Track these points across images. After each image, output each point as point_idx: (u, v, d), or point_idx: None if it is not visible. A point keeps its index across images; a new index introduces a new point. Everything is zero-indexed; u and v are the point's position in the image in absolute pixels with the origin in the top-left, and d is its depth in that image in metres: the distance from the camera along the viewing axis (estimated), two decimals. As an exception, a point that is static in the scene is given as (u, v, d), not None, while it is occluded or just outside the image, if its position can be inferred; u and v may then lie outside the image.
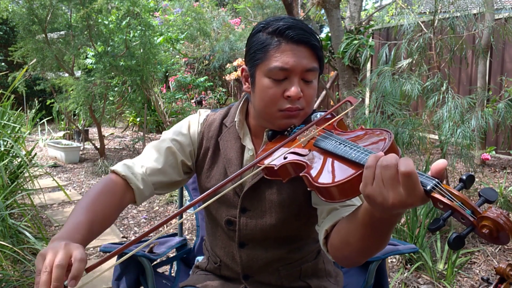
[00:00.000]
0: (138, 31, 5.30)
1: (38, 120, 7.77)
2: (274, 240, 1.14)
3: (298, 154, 0.92)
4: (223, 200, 1.13)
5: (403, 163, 0.68)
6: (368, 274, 1.36)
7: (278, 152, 0.95)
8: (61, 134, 7.58)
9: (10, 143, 2.96)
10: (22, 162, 3.14)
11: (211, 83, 9.18)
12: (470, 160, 3.16)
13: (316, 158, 0.89)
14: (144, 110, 6.10)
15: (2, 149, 2.90)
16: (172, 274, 1.67)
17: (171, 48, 8.20)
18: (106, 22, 5.33)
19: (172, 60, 7.81)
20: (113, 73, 5.30)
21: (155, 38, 6.02)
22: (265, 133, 1.10)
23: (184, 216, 2.32)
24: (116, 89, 6.24)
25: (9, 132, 3.12)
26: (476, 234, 0.66)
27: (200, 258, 1.45)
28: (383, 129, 0.88)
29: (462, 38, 3.25)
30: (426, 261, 2.57)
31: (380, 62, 3.45)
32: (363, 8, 10.27)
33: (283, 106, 1.01)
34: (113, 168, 1.09)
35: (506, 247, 2.93)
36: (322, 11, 4.84)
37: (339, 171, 0.81)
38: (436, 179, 0.69)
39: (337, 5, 4.45)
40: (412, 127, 3.09)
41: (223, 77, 9.05)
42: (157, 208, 3.95)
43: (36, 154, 5.87)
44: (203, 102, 9.42)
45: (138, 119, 7.99)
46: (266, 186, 1.10)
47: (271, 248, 1.14)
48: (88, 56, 6.21)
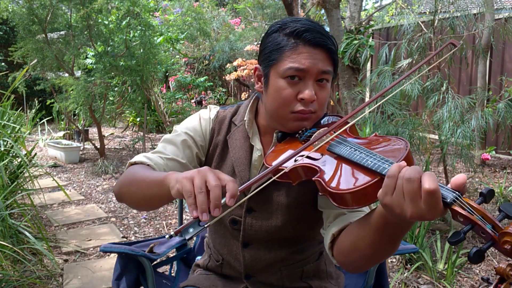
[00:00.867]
0: (138, 31, 5.30)
1: (38, 120, 7.77)
2: (278, 241, 1.14)
3: (310, 158, 0.91)
4: None
5: (427, 180, 0.67)
6: (368, 274, 1.36)
7: (288, 154, 0.94)
8: (61, 134, 7.58)
9: (10, 143, 2.96)
10: (22, 162, 3.14)
11: (211, 83, 9.19)
12: (470, 160, 3.16)
13: (329, 163, 0.88)
14: (144, 110, 6.10)
15: (2, 149, 2.90)
16: (172, 274, 1.67)
17: (171, 48, 8.20)
18: (106, 22, 5.33)
19: (172, 60, 7.81)
20: (113, 73, 5.29)
21: (155, 38, 6.02)
22: (274, 134, 1.09)
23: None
24: (116, 89, 6.24)
25: (9, 132, 3.12)
26: (496, 249, 0.66)
27: (199, 258, 1.45)
28: (398, 137, 0.87)
29: (462, 38, 3.25)
30: (426, 261, 2.57)
31: (380, 62, 3.45)
32: (363, 8, 10.26)
33: (296, 108, 1.01)
34: (133, 160, 1.07)
35: (506, 247, 2.92)
36: (322, 11, 4.84)
37: (354, 178, 0.80)
38: (457, 192, 0.68)
39: (337, 5, 4.45)
40: (412, 127, 3.09)
41: (223, 77, 9.05)
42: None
43: (36, 154, 5.87)
44: (203, 102, 9.42)
45: (138, 119, 7.99)
46: (274, 187, 1.09)
47: (275, 249, 1.14)
48: (88, 56, 6.21)
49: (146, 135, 6.23)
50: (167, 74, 8.50)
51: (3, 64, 9.15)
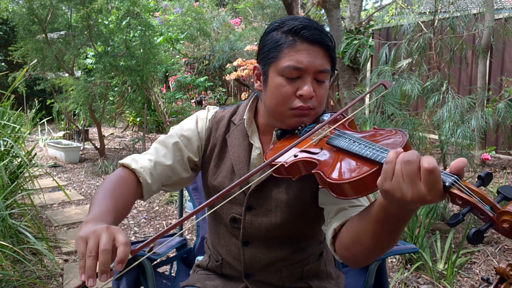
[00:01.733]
0: (138, 31, 5.30)
1: (38, 120, 7.78)
2: (278, 240, 1.14)
3: (309, 152, 0.92)
4: (229, 197, 1.13)
5: (426, 160, 0.68)
6: (368, 274, 1.36)
7: (288, 147, 0.95)
8: (61, 134, 7.59)
9: (10, 143, 2.96)
10: (22, 162, 3.14)
11: (211, 83, 9.19)
12: (470, 160, 3.16)
13: (328, 156, 0.89)
14: (144, 110, 6.10)
15: (2, 149, 2.90)
16: (172, 274, 1.67)
17: (171, 48, 8.20)
18: (106, 22, 5.34)
19: (172, 60, 7.81)
20: (113, 73, 5.30)
21: (155, 38, 6.02)
22: (274, 132, 1.10)
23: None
24: (116, 89, 6.25)
25: (9, 132, 3.12)
26: (495, 229, 0.67)
27: (200, 258, 1.45)
28: (397, 129, 0.88)
29: (462, 38, 3.25)
30: (426, 261, 2.57)
31: (380, 62, 3.45)
32: (363, 8, 10.26)
33: (295, 105, 1.02)
34: (122, 161, 1.09)
35: (506, 247, 2.93)
36: (322, 11, 4.84)
37: (353, 168, 0.82)
38: (455, 175, 0.69)
39: (337, 5, 4.45)
40: (412, 127, 3.09)
41: (223, 77, 9.05)
42: (157, 208, 3.95)
43: (36, 154, 5.87)
44: (203, 102, 9.42)
45: (138, 119, 8.00)
46: (273, 184, 1.10)
47: (275, 248, 1.14)
48: (88, 56, 6.21)
49: (146, 135, 6.24)
50: (167, 74, 8.50)
51: (3, 64, 9.15)
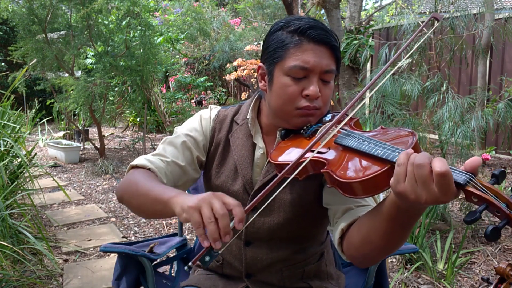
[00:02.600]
0: (138, 31, 5.30)
1: (38, 120, 7.77)
2: (280, 240, 1.14)
3: (317, 152, 0.92)
4: (232, 197, 1.12)
5: (438, 163, 0.68)
6: (368, 274, 1.36)
7: (296, 151, 0.95)
8: (61, 134, 7.59)
9: (10, 143, 2.96)
10: (22, 162, 3.14)
11: (211, 83, 9.19)
12: (470, 160, 3.15)
13: (337, 155, 0.89)
14: (144, 110, 6.10)
15: (2, 149, 2.90)
16: (172, 274, 1.67)
17: (171, 48, 8.20)
18: (106, 22, 5.33)
19: (172, 60, 7.81)
20: (113, 73, 5.30)
21: (155, 38, 6.02)
22: (278, 131, 1.09)
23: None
24: (116, 89, 6.25)
25: (9, 132, 3.12)
26: (511, 226, 0.67)
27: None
28: (405, 129, 0.88)
29: (462, 38, 3.25)
30: (426, 261, 2.57)
31: (380, 62, 3.45)
32: (363, 8, 10.26)
33: (301, 105, 1.02)
34: (135, 163, 1.08)
35: (506, 247, 2.93)
36: (322, 11, 4.84)
37: (364, 167, 0.81)
38: (470, 173, 0.70)
39: (337, 5, 4.45)
40: (412, 127, 3.09)
41: (223, 77, 9.06)
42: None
43: (36, 154, 5.87)
44: (203, 102, 9.42)
45: (138, 119, 8.00)
46: (277, 185, 1.09)
47: (276, 248, 1.14)
48: (88, 56, 6.21)
49: (146, 135, 6.24)
50: (167, 74, 8.50)
51: (3, 64, 9.15)
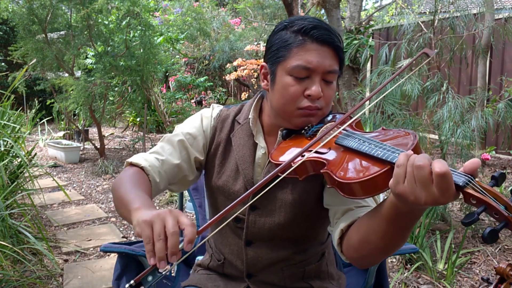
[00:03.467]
0: (138, 31, 5.30)
1: (38, 120, 7.77)
2: (281, 240, 1.14)
3: (317, 152, 0.92)
4: (233, 197, 1.13)
5: (438, 164, 0.68)
6: (368, 274, 1.36)
7: (297, 151, 0.95)
8: (61, 134, 7.59)
9: (10, 143, 2.96)
10: (22, 162, 3.14)
11: (211, 83, 9.18)
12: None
13: (337, 155, 0.89)
14: (144, 110, 6.10)
15: (2, 149, 2.90)
16: (172, 274, 1.67)
17: (171, 48, 8.20)
18: (106, 22, 5.33)
19: (172, 60, 7.81)
20: (113, 73, 5.30)
21: (155, 38, 6.02)
22: (279, 131, 1.09)
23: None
24: (116, 89, 6.25)
25: (9, 132, 3.12)
26: (509, 229, 0.67)
27: (200, 258, 1.45)
28: (406, 130, 0.88)
29: (462, 38, 3.25)
30: (426, 261, 2.57)
31: (380, 62, 3.45)
32: (363, 8, 10.26)
33: (303, 105, 1.02)
34: (131, 160, 1.08)
35: (506, 247, 2.93)
36: (322, 11, 4.84)
37: (364, 168, 0.81)
38: (469, 175, 0.70)
39: (337, 5, 4.45)
40: (412, 127, 3.09)
41: (223, 77, 9.05)
42: (157, 208, 3.94)
43: (36, 154, 5.87)
44: (203, 102, 9.42)
45: (138, 119, 7.99)
46: (278, 185, 1.08)
47: (277, 248, 1.14)
48: (88, 56, 6.21)
49: (146, 135, 6.23)
50: (167, 74, 8.50)
51: (3, 64, 9.15)
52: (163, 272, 0.76)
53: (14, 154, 3.09)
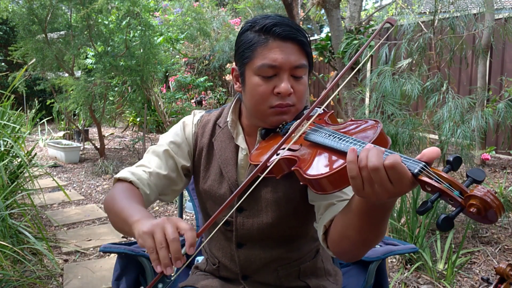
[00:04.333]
0: (138, 31, 5.30)
1: (38, 120, 7.78)
2: (272, 239, 1.14)
3: (290, 149, 0.92)
4: (220, 200, 1.13)
5: (388, 158, 0.68)
6: (368, 274, 1.36)
7: (271, 150, 0.95)
8: (61, 134, 7.59)
9: (10, 143, 2.96)
10: (22, 162, 3.14)
11: (211, 83, 9.18)
12: (470, 160, 3.16)
13: (307, 151, 0.89)
14: (144, 110, 6.10)
15: (2, 149, 2.90)
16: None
17: (171, 48, 8.20)
18: (106, 22, 5.33)
19: (172, 60, 7.81)
20: (113, 73, 5.30)
21: (155, 38, 6.02)
22: (258, 131, 1.10)
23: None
24: (116, 89, 6.25)
25: (9, 132, 3.12)
26: (465, 214, 0.66)
27: (200, 259, 1.45)
28: (372, 119, 0.88)
29: (462, 38, 3.25)
30: (426, 261, 2.57)
31: (380, 62, 3.45)
32: (363, 8, 10.26)
33: (274, 103, 1.02)
34: (118, 176, 1.09)
35: (506, 247, 2.93)
36: (322, 11, 4.85)
37: (329, 162, 0.81)
38: (423, 162, 0.69)
39: (337, 5, 4.45)
40: (412, 127, 3.09)
41: (223, 77, 9.06)
42: (157, 208, 3.95)
43: (36, 154, 5.87)
44: (203, 102, 9.42)
45: (138, 119, 8.00)
46: (261, 184, 1.08)
47: (269, 248, 1.14)
48: (88, 56, 6.21)
49: (146, 135, 6.23)
50: (167, 74, 8.50)
51: (3, 64, 9.15)
52: (172, 277, 0.80)
53: (14, 154, 3.09)
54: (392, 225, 2.79)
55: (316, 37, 8.37)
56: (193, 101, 8.92)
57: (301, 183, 0.87)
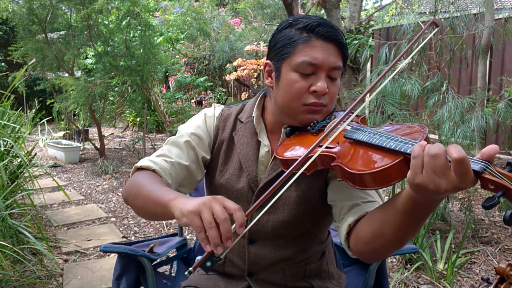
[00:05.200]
0: (138, 31, 5.30)
1: (38, 120, 7.78)
2: (284, 238, 1.14)
3: (326, 147, 0.92)
4: (236, 195, 1.13)
5: (454, 150, 0.68)
6: (368, 274, 1.36)
7: (301, 147, 0.95)
8: (61, 134, 7.59)
9: (10, 143, 2.96)
10: (22, 162, 3.14)
11: (211, 83, 9.18)
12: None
13: (347, 149, 0.90)
14: (144, 110, 6.10)
15: (2, 149, 2.90)
16: (172, 274, 1.67)
17: (171, 48, 8.20)
18: (106, 22, 5.33)
19: (172, 60, 7.81)
20: (113, 73, 5.30)
21: (155, 38, 6.02)
22: (283, 129, 1.10)
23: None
24: (116, 89, 6.25)
25: (9, 132, 3.12)
26: None
27: (200, 258, 1.45)
28: (414, 123, 0.89)
29: (462, 38, 3.25)
30: (426, 261, 2.57)
31: (380, 62, 3.45)
32: (363, 8, 10.26)
33: (308, 101, 1.02)
34: (139, 164, 1.07)
35: (506, 247, 2.93)
36: (322, 11, 4.84)
37: (375, 160, 0.82)
38: (486, 161, 0.70)
39: (337, 5, 4.45)
40: (412, 127, 3.08)
41: (223, 77, 9.05)
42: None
43: (36, 154, 5.87)
44: (203, 102, 9.42)
45: (138, 119, 7.99)
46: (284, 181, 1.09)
47: (280, 247, 1.14)
48: (88, 56, 6.21)
49: (146, 135, 6.23)
50: (167, 74, 8.50)
51: (3, 64, 9.15)
52: (221, 257, 0.79)
53: (14, 154, 3.09)
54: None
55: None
56: (193, 101, 8.93)
57: (338, 179, 0.88)
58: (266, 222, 1.12)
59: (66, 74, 5.56)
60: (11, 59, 5.53)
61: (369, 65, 5.97)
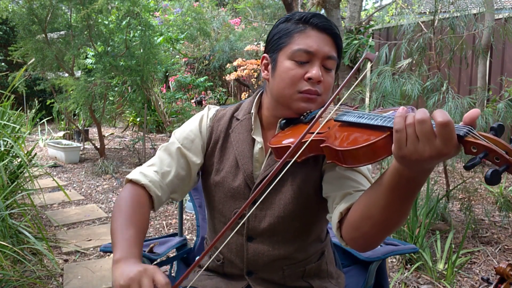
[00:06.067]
0: (138, 31, 5.30)
1: (38, 120, 7.78)
2: (282, 236, 1.14)
3: (317, 132, 0.93)
4: (232, 193, 1.14)
5: (440, 114, 0.68)
6: (368, 274, 1.37)
7: (296, 135, 0.96)
8: (61, 134, 7.59)
9: (10, 143, 2.96)
10: (22, 162, 3.14)
11: (211, 83, 9.19)
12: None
13: (336, 130, 0.91)
14: (144, 110, 6.10)
15: (2, 149, 2.90)
16: (172, 274, 1.67)
17: (171, 48, 8.21)
18: (106, 22, 5.34)
19: (172, 60, 7.81)
20: (113, 73, 5.30)
21: (155, 38, 6.02)
22: (278, 123, 1.11)
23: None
24: (116, 89, 6.25)
25: (9, 132, 3.12)
26: (510, 172, 0.68)
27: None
28: (408, 106, 0.89)
29: (462, 38, 3.25)
30: (426, 261, 2.57)
31: (380, 62, 3.45)
32: (363, 8, 10.27)
33: (303, 88, 1.04)
34: (130, 177, 1.10)
35: (506, 247, 2.93)
36: (322, 11, 4.85)
37: (364, 136, 0.83)
38: (468, 126, 0.71)
39: (337, 5, 4.45)
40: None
41: (223, 77, 9.06)
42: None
43: (36, 154, 5.87)
44: (203, 102, 9.42)
45: (138, 119, 8.00)
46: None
47: (278, 245, 1.14)
48: (88, 56, 6.21)
49: (146, 135, 6.24)
50: (167, 74, 8.50)
51: (3, 64, 9.15)
52: None
53: (14, 154, 3.09)
54: (392, 225, 2.79)
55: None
56: (193, 101, 8.93)
57: (327, 161, 0.89)
58: (263, 218, 1.12)
59: (66, 74, 5.57)
60: (11, 59, 5.53)
61: (369, 65, 5.96)
